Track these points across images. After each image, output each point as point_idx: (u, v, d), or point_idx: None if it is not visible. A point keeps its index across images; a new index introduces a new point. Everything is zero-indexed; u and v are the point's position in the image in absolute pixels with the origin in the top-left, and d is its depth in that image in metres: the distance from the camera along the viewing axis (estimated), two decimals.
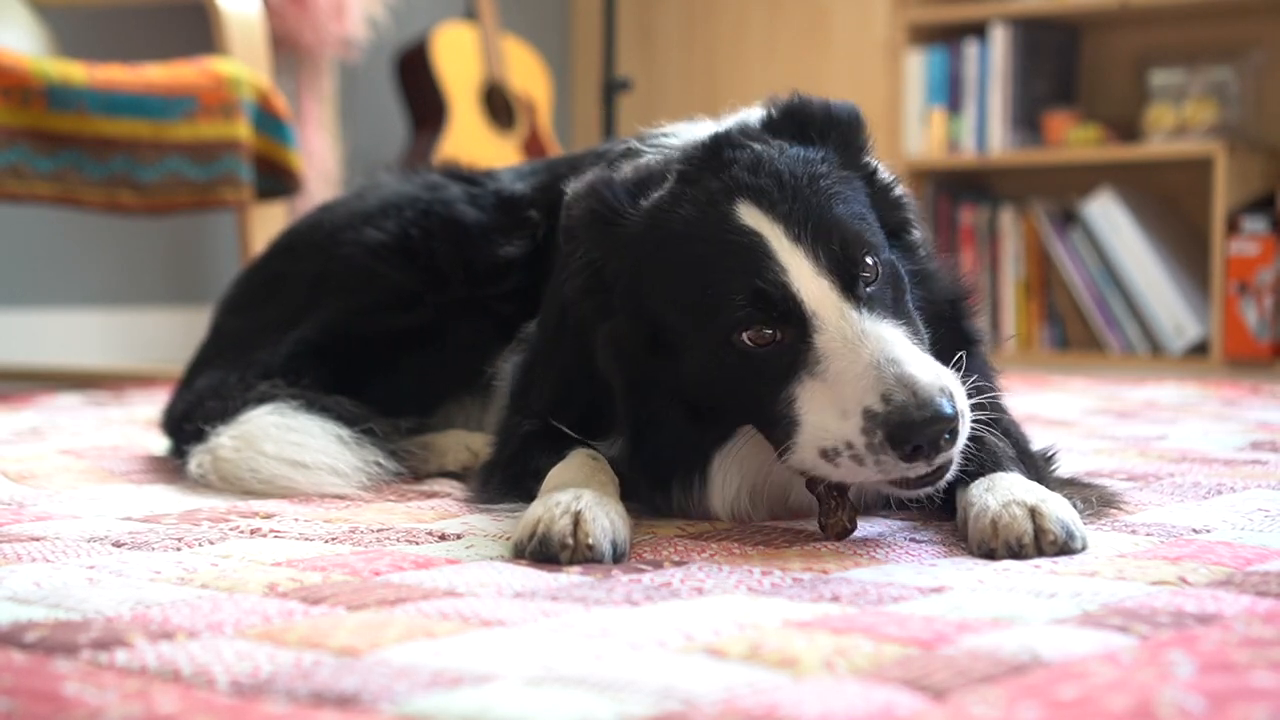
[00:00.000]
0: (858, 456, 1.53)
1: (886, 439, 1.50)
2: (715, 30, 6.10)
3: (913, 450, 1.50)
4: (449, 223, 2.27)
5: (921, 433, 1.49)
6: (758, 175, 1.66)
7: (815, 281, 1.59)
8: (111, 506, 1.92)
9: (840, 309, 1.58)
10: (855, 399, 1.52)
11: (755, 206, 1.64)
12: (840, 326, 1.57)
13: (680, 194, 1.70)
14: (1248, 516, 1.77)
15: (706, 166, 1.71)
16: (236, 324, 2.39)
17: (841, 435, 1.53)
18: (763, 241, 1.61)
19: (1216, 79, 5.15)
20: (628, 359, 1.71)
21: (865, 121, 1.82)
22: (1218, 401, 3.42)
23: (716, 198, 1.66)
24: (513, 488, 1.82)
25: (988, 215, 5.47)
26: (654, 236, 1.69)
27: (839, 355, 1.55)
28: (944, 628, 1.24)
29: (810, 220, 1.62)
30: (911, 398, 1.50)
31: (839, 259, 1.60)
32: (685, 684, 1.07)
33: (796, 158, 1.70)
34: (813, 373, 1.57)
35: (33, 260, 4.78)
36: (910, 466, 1.53)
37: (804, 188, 1.66)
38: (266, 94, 3.74)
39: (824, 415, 1.55)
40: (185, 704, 1.04)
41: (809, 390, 1.57)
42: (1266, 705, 1.00)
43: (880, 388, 1.51)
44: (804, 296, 1.58)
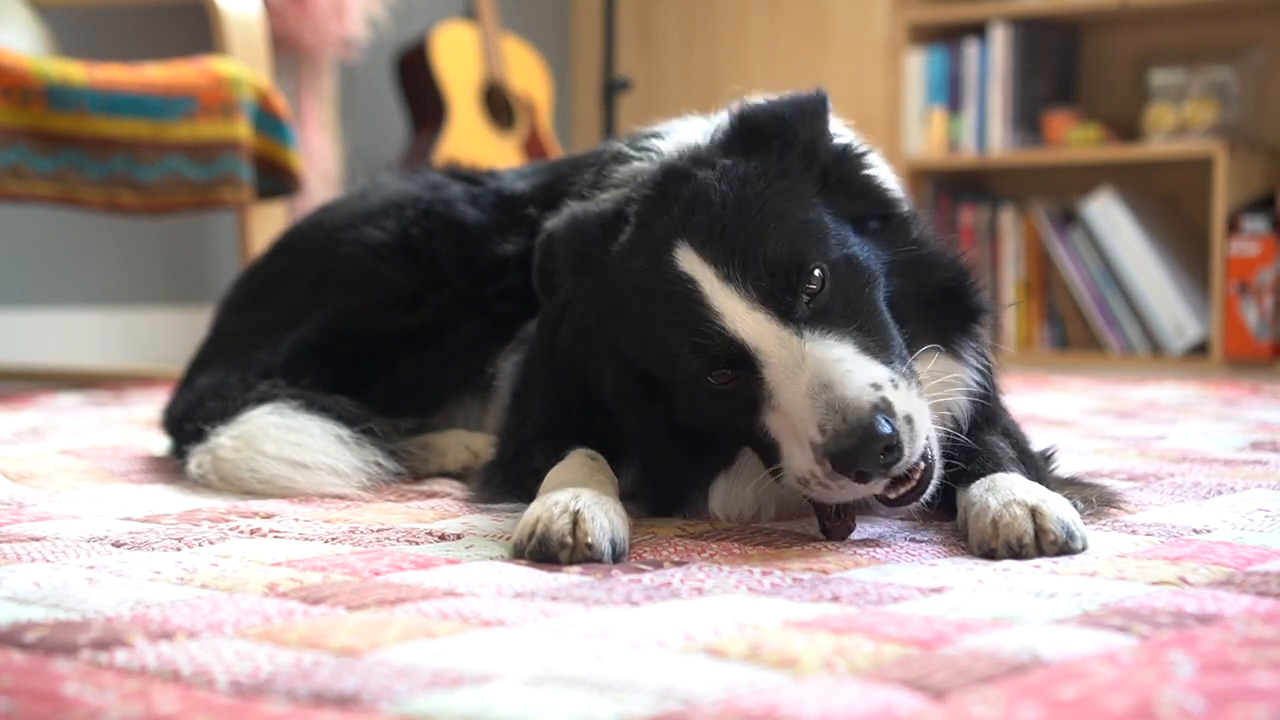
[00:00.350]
0: (823, 484, 1.55)
1: (833, 467, 1.51)
2: (715, 30, 6.10)
3: (858, 475, 1.51)
4: (450, 222, 2.27)
5: (856, 458, 1.49)
6: (694, 212, 1.67)
7: (750, 317, 1.59)
8: (111, 506, 1.92)
9: (779, 338, 1.58)
10: (803, 434, 1.54)
11: (691, 249, 1.64)
12: (781, 356, 1.57)
13: (635, 240, 1.71)
14: (1248, 516, 1.77)
15: (656, 205, 1.72)
16: (237, 324, 2.39)
17: (805, 466, 1.55)
18: (696, 289, 1.62)
19: (1216, 79, 5.15)
20: (629, 402, 1.74)
21: (818, 106, 1.79)
22: (1218, 401, 3.42)
23: (659, 244, 1.67)
24: (513, 488, 1.83)
25: (988, 215, 5.47)
26: (616, 290, 1.71)
27: (783, 387, 1.56)
28: (944, 628, 1.24)
29: (738, 256, 1.61)
30: (842, 424, 1.50)
31: (770, 289, 1.60)
32: (685, 684, 1.07)
33: (735, 179, 1.69)
34: (771, 405, 1.58)
35: (33, 260, 4.78)
36: (868, 488, 1.54)
37: (735, 219, 1.65)
38: (266, 94, 3.74)
39: (790, 445, 1.57)
40: (185, 704, 1.04)
41: (775, 421, 1.59)
42: (1266, 705, 1.00)
43: (816, 418, 1.52)
44: (743, 335, 1.59)
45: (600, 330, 1.74)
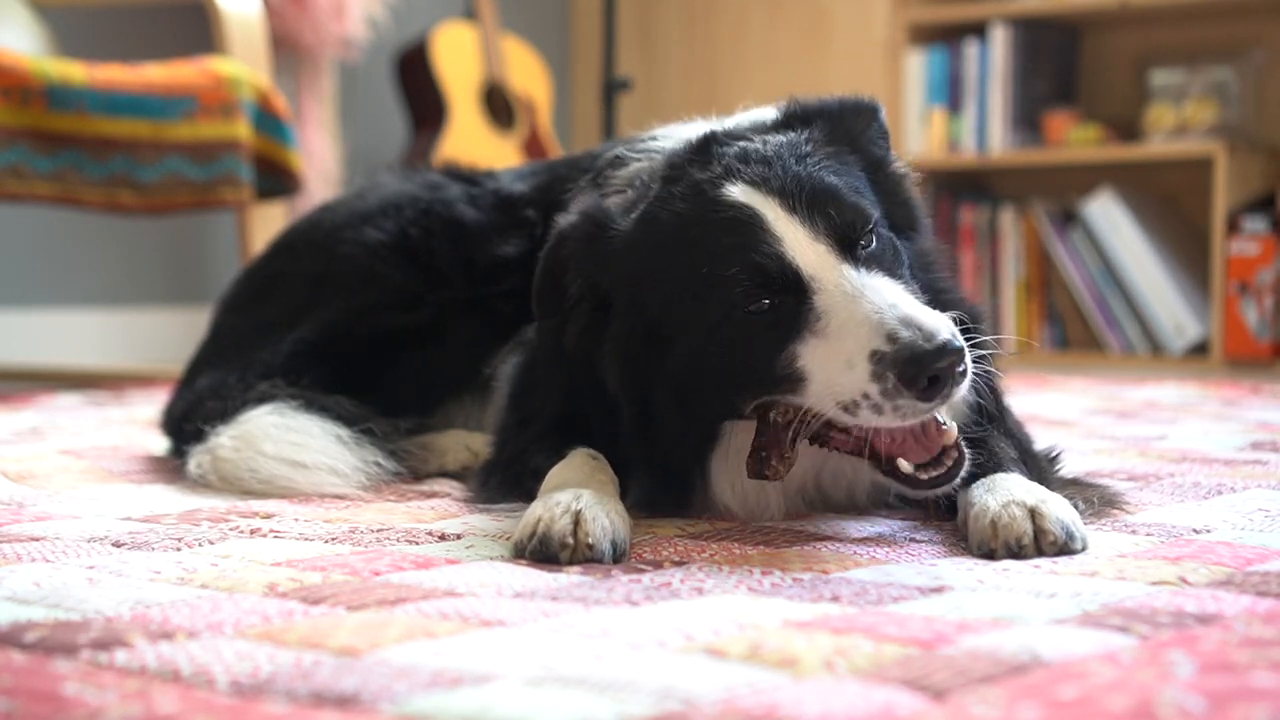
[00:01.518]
0: (876, 406, 1.53)
1: (898, 378, 1.50)
2: (715, 30, 6.10)
3: (928, 384, 1.50)
4: (449, 223, 2.28)
5: (932, 364, 1.49)
6: (746, 163, 1.68)
7: (812, 247, 1.60)
8: (111, 506, 1.92)
9: (838, 269, 1.59)
10: (860, 347, 1.53)
11: (746, 186, 1.65)
12: (839, 284, 1.58)
13: (668, 194, 1.71)
14: (1248, 516, 1.77)
15: (691, 164, 1.72)
16: (236, 324, 2.39)
17: (855, 387, 1.53)
18: (756, 214, 1.62)
19: (1216, 79, 5.15)
20: (626, 363, 1.72)
21: (868, 108, 1.82)
22: (1218, 401, 3.42)
23: (704, 185, 1.67)
24: (512, 488, 1.83)
25: (988, 215, 5.47)
26: (648, 237, 1.70)
27: (839, 309, 1.56)
28: (944, 628, 1.24)
29: (804, 191, 1.63)
30: (917, 333, 1.50)
31: (835, 225, 1.61)
32: (685, 684, 1.07)
33: (782, 143, 1.72)
34: (814, 330, 1.58)
35: (33, 260, 4.78)
36: (927, 405, 1.52)
37: (794, 165, 1.67)
38: (266, 94, 3.74)
39: (831, 369, 1.56)
40: (185, 704, 1.04)
41: (811, 347, 1.58)
42: (1266, 705, 1.00)
43: (884, 329, 1.52)
44: (801, 263, 1.59)
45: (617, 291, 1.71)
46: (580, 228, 1.76)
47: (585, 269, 1.74)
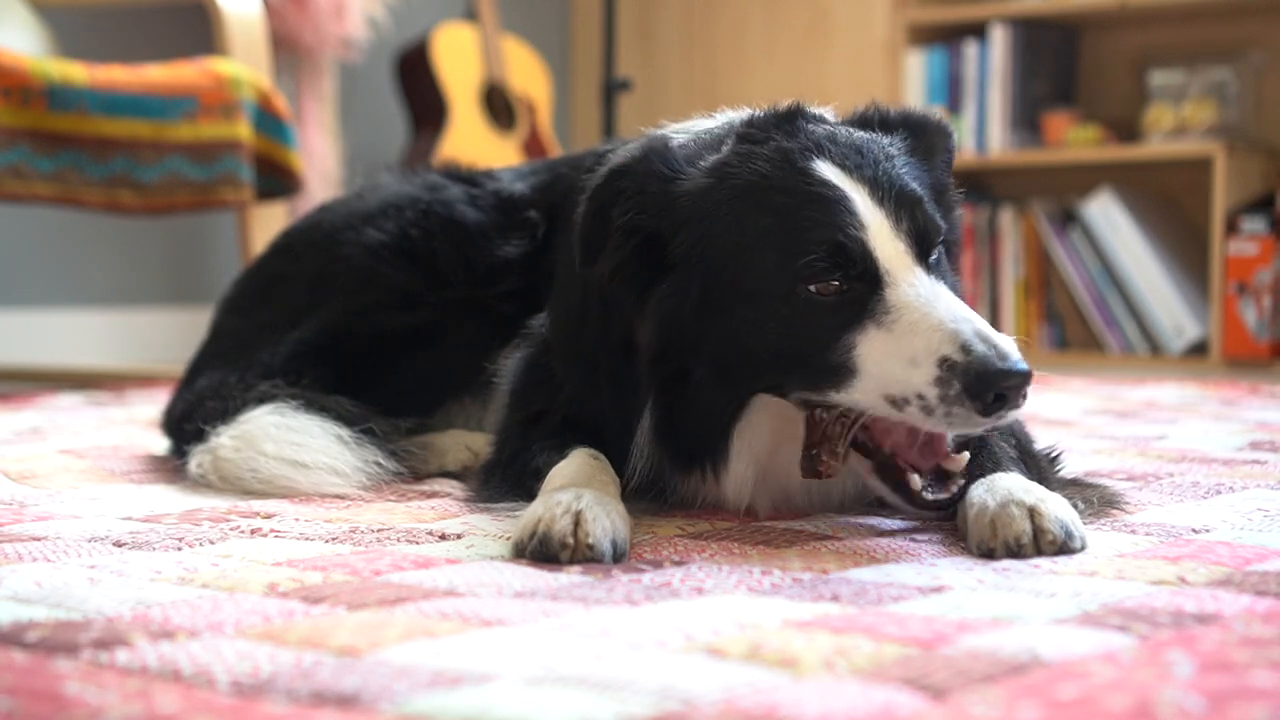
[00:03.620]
0: (928, 407, 1.53)
1: (965, 389, 1.50)
2: (715, 30, 6.10)
3: (994, 400, 1.50)
4: (449, 223, 2.28)
5: (1003, 383, 1.50)
6: (835, 144, 1.67)
7: (893, 243, 1.60)
8: (112, 506, 1.92)
9: (914, 270, 1.60)
10: (929, 350, 1.53)
11: (837, 167, 1.64)
12: (914, 284, 1.58)
13: (749, 152, 1.68)
14: (1247, 516, 1.77)
15: (776, 130, 1.71)
16: (236, 324, 2.39)
17: (913, 386, 1.54)
18: (845, 196, 1.62)
19: (1216, 79, 5.15)
20: (673, 319, 1.68)
21: (946, 132, 1.82)
22: (1217, 401, 3.42)
23: (793, 155, 1.66)
24: (513, 487, 1.82)
25: (987, 215, 5.47)
26: (724, 187, 1.67)
27: (911, 309, 1.56)
28: (944, 628, 1.24)
29: (893, 188, 1.64)
30: (992, 349, 1.51)
31: (918, 227, 1.62)
32: (685, 684, 1.08)
33: (868, 137, 1.71)
34: (880, 323, 1.57)
35: (33, 260, 4.78)
36: (982, 421, 1.53)
37: (883, 160, 1.67)
38: (267, 94, 3.74)
39: (890, 364, 1.56)
40: (186, 704, 1.04)
41: (872, 339, 1.57)
42: (1266, 705, 1.00)
43: (959, 339, 1.52)
44: (880, 255, 1.59)
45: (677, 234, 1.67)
46: (643, 163, 1.70)
47: (641, 205, 1.69)
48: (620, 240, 1.70)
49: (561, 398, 1.88)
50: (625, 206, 1.69)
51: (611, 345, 1.77)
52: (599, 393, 1.82)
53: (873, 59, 5.68)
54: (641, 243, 1.69)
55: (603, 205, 1.71)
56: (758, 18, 5.99)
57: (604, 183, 1.72)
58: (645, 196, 1.69)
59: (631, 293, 1.71)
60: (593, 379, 1.83)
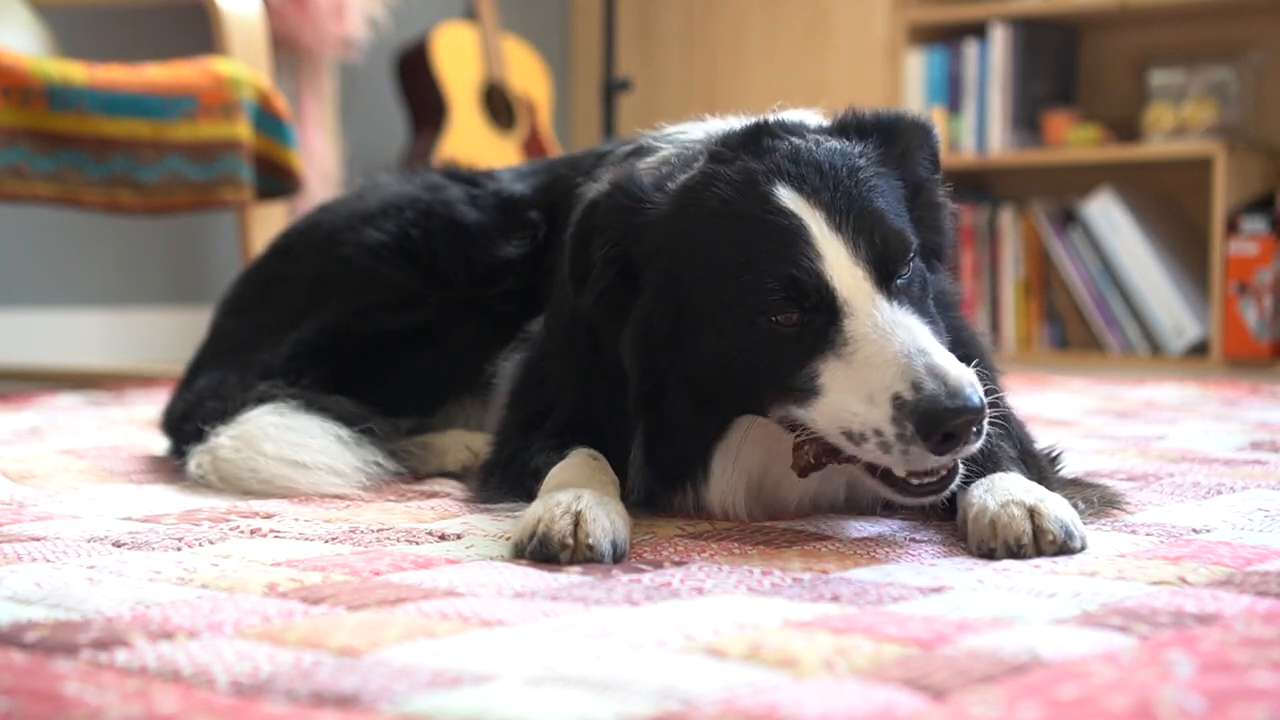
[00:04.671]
0: (885, 444, 1.53)
1: (916, 428, 1.49)
2: (715, 30, 6.10)
3: (943, 439, 1.49)
4: (449, 223, 2.28)
5: (951, 421, 1.49)
6: (798, 164, 1.66)
7: (850, 271, 1.59)
8: (111, 506, 1.92)
9: (873, 298, 1.58)
10: (884, 385, 1.52)
11: (796, 192, 1.63)
12: (871, 314, 1.57)
13: (714, 173, 1.68)
14: (1248, 516, 1.77)
15: (744, 150, 1.70)
16: (236, 325, 2.39)
17: (870, 422, 1.53)
18: (802, 225, 1.61)
19: (1216, 79, 5.15)
20: (647, 342, 1.70)
21: (924, 130, 1.80)
22: (1217, 401, 3.42)
23: (755, 178, 1.65)
24: (512, 487, 1.82)
25: (987, 215, 5.47)
26: (687, 213, 1.68)
27: (868, 341, 1.55)
28: (944, 628, 1.24)
29: (851, 210, 1.62)
30: (942, 387, 1.49)
31: (877, 251, 1.61)
32: (685, 684, 1.07)
33: (834, 150, 1.70)
34: (839, 354, 1.57)
35: (33, 260, 4.78)
36: (937, 459, 1.52)
37: (844, 179, 1.66)
38: (267, 94, 3.74)
39: (848, 396, 1.55)
40: (185, 704, 1.04)
41: (833, 369, 1.57)
42: (1266, 705, 1.00)
43: (910, 375, 1.51)
44: (837, 285, 1.58)
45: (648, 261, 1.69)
46: (613, 196, 1.72)
47: (614, 237, 1.71)
48: (601, 270, 1.72)
49: (558, 407, 1.88)
50: (601, 240, 1.72)
51: (604, 369, 1.78)
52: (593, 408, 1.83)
53: (873, 59, 5.68)
54: (620, 271, 1.72)
55: (581, 240, 1.75)
56: (758, 18, 5.99)
57: (580, 218, 1.75)
58: (615, 230, 1.71)
59: (615, 319, 1.74)
60: (585, 396, 1.84)
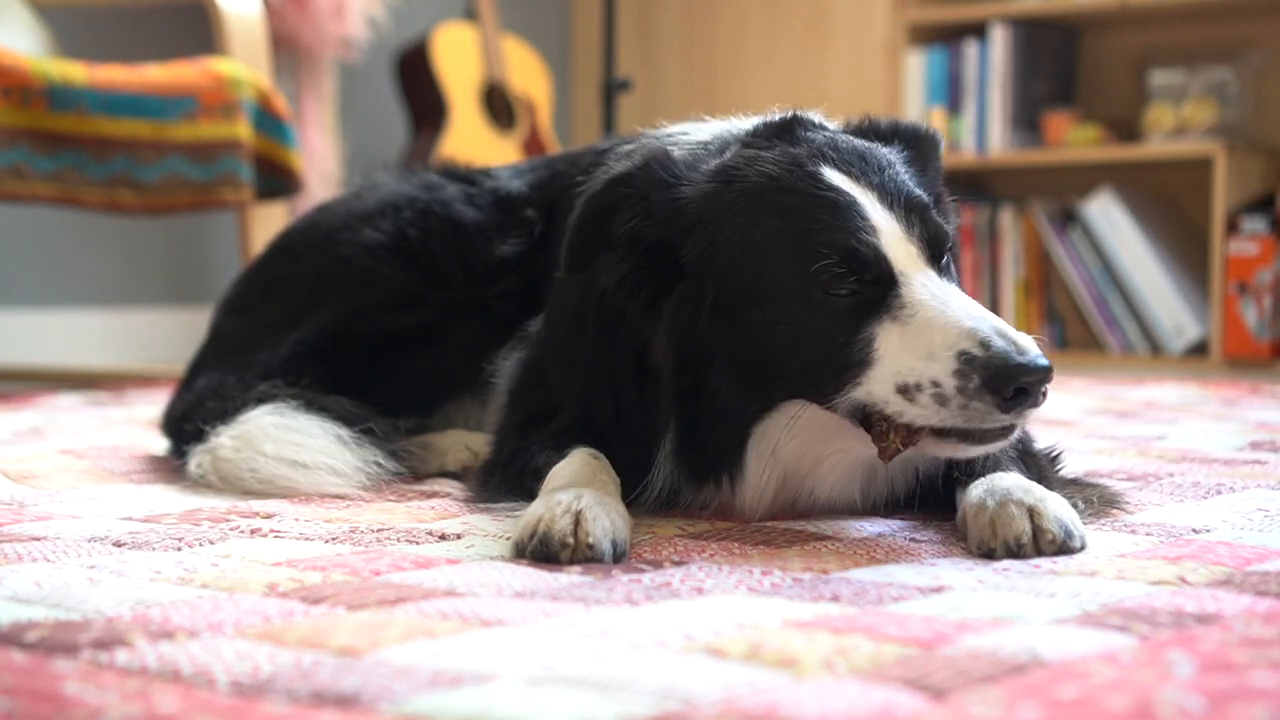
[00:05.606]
0: (941, 396, 1.53)
1: (985, 383, 1.50)
2: (715, 30, 6.10)
3: (1015, 393, 1.50)
4: (447, 223, 2.28)
5: (1023, 377, 1.49)
6: (839, 151, 1.67)
7: (905, 246, 1.60)
8: (112, 506, 1.92)
9: (927, 272, 1.60)
10: (946, 344, 1.53)
11: (843, 173, 1.64)
12: (927, 284, 1.58)
13: (754, 156, 1.68)
14: (1247, 516, 1.77)
15: (779, 138, 1.71)
16: (236, 325, 2.39)
17: (929, 373, 1.53)
18: (856, 201, 1.61)
19: (1216, 79, 5.15)
20: (685, 329, 1.67)
21: (936, 140, 1.83)
22: (1217, 401, 3.42)
23: (800, 159, 1.66)
24: (512, 487, 1.82)
25: (987, 215, 5.47)
26: (731, 190, 1.66)
27: (927, 306, 1.56)
28: (944, 628, 1.24)
29: (901, 194, 1.64)
30: (1012, 345, 1.50)
31: (929, 232, 1.63)
32: (685, 684, 1.07)
33: (870, 145, 1.72)
34: (896, 318, 1.57)
35: (33, 260, 4.78)
36: (1001, 417, 1.52)
37: (886, 168, 1.68)
38: (267, 94, 3.74)
39: (906, 356, 1.55)
40: (185, 704, 1.04)
41: (890, 332, 1.57)
42: (1266, 705, 1.00)
43: (978, 335, 1.52)
44: (893, 258, 1.59)
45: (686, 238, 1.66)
46: (647, 170, 1.70)
47: (645, 212, 1.68)
48: (625, 250, 1.69)
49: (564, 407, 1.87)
50: (628, 214, 1.69)
51: (620, 365, 1.76)
52: (602, 408, 1.80)
53: (873, 59, 5.68)
54: (647, 252, 1.69)
55: (600, 213, 1.71)
56: (758, 18, 5.99)
57: (603, 190, 1.71)
58: (649, 203, 1.69)
59: (639, 305, 1.71)
60: (594, 394, 1.82)
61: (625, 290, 1.71)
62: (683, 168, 1.71)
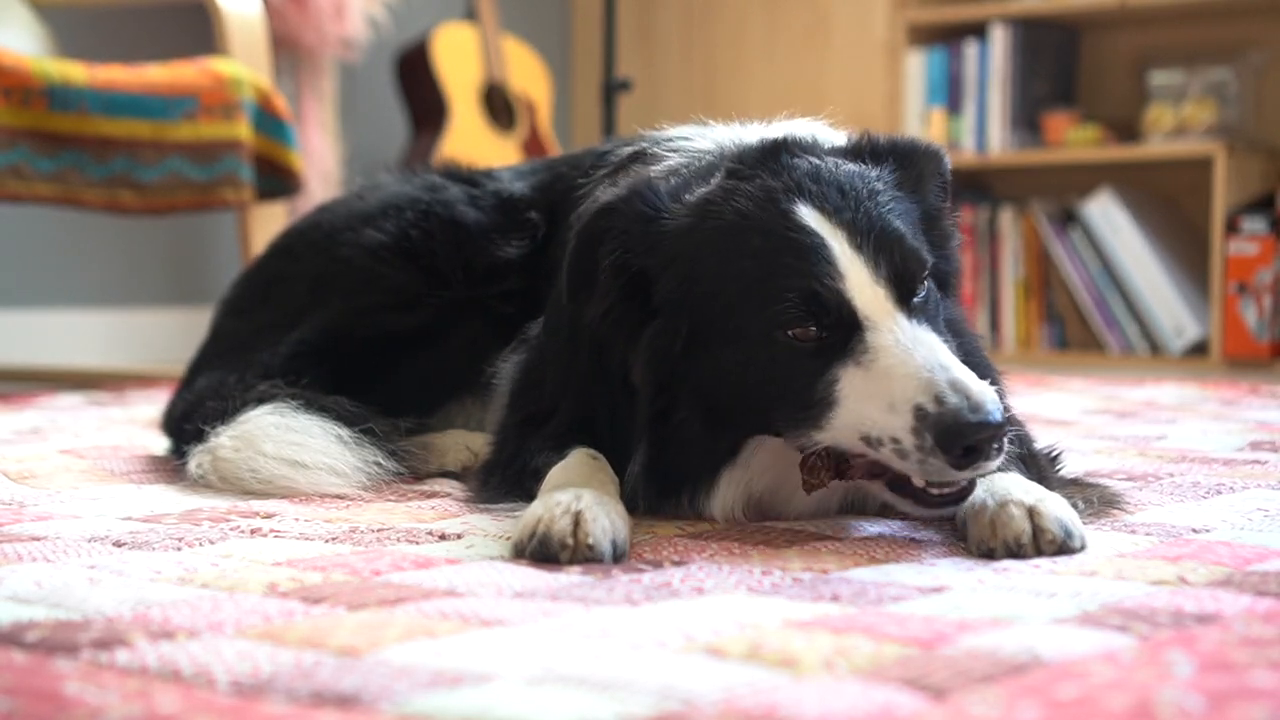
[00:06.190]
0: (902, 452, 1.53)
1: (936, 441, 1.50)
2: (715, 30, 6.10)
3: (963, 453, 1.50)
4: (449, 223, 2.28)
5: (973, 436, 1.49)
6: (818, 183, 1.66)
7: (872, 289, 1.59)
8: (112, 506, 1.92)
9: (893, 315, 1.59)
10: (905, 395, 1.52)
11: (817, 210, 1.63)
12: (893, 329, 1.57)
13: (734, 189, 1.68)
14: (1247, 516, 1.77)
15: (762, 167, 1.70)
16: (236, 325, 2.39)
17: (889, 429, 1.53)
18: (824, 243, 1.61)
19: (1216, 79, 5.15)
20: (661, 357, 1.69)
21: (938, 156, 1.80)
22: (1217, 401, 3.42)
23: (775, 195, 1.65)
24: (512, 487, 1.82)
25: (987, 215, 5.47)
26: (706, 226, 1.67)
27: (890, 352, 1.56)
28: (944, 628, 1.24)
29: (872, 230, 1.62)
30: (965, 401, 1.50)
31: (898, 270, 1.61)
32: (685, 684, 1.08)
33: (853, 172, 1.70)
34: (860, 362, 1.57)
35: (33, 260, 4.78)
36: (956, 474, 1.52)
37: (864, 199, 1.66)
38: (267, 94, 3.74)
39: (868, 405, 1.55)
40: (186, 704, 1.04)
41: (852, 377, 1.57)
42: (1266, 705, 1.00)
43: (933, 389, 1.51)
44: (858, 304, 1.58)
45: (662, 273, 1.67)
46: (630, 202, 1.71)
47: (627, 245, 1.69)
48: (609, 281, 1.71)
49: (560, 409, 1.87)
50: (611, 245, 1.71)
51: (609, 383, 1.78)
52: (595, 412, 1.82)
53: (873, 59, 5.67)
54: (629, 282, 1.70)
55: (588, 242, 1.73)
56: (757, 18, 5.99)
57: (590, 221, 1.74)
58: (630, 236, 1.70)
59: (622, 333, 1.73)
60: (587, 400, 1.83)
61: (610, 321, 1.73)
62: (666, 199, 1.71)
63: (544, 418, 1.89)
